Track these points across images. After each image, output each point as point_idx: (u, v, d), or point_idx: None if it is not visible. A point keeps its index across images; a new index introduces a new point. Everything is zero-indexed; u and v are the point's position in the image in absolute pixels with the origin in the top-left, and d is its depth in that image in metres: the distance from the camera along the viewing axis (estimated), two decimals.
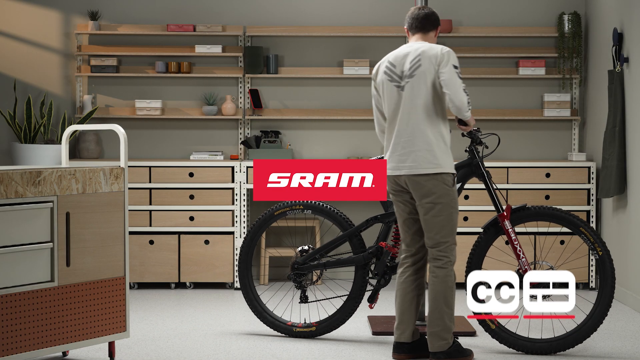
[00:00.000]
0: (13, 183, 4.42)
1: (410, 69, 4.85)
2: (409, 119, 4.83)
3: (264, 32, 7.58)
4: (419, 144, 4.80)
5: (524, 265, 5.12)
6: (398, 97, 4.87)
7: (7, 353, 4.36)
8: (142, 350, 5.23)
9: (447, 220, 4.84)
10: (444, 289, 4.84)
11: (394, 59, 4.93)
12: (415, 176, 4.81)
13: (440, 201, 4.81)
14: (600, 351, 5.26)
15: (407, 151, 4.83)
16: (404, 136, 4.84)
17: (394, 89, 4.89)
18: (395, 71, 4.90)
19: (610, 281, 5.11)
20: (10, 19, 7.58)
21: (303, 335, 5.61)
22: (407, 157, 4.83)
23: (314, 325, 5.60)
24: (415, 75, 4.83)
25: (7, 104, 7.52)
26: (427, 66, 4.81)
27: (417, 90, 4.82)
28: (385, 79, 4.93)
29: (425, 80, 4.81)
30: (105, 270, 4.82)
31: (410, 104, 4.83)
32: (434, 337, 4.86)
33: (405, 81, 4.85)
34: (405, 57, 4.89)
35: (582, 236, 5.15)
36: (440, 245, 4.86)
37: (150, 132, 7.69)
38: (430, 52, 4.85)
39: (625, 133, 6.68)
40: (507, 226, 5.18)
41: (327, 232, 7.75)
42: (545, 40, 7.69)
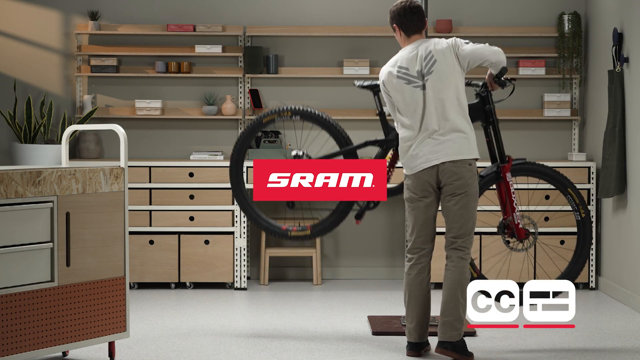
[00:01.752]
0: (13, 183, 4.42)
1: (426, 66, 4.93)
2: (439, 113, 4.91)
3: (264, 32, 7.58)
4: (452, 133, 4.90)
5: (517, 219, 5.32)
6: (421, 96, 4.94)
7: (7, 353, 4.36)
8: (142, 350, 5.23)
9: (472, 212, 4.96)
10: (461, 279, 4.92)
11: (403, 62, 5.00)
12: (453, 163, 4.89)
13: (469, 191, 4.92)
14: (600, 351, 5.26)
15: (440, 141, 4.91)
16: (437, 130, 4.91)
17: (414, 90, 4.95)
18: (410, 73, 4.96)
19: (588, 242, 5.39)
20: (10, 19, 7.58)
21: (298, 238, 5.68)
22: (441, 147, 4.91)
23: (309, 228, 5.66)
24: (433, 71, 4.91)
25: (7, 104, 7.52)
26: (445, 60, 4.92)
27: (439, 85, 4.91)
28: (401, 82, 4.98)
29: (446, 73, 4.91)
30: (105, 270, 4.82)
31: (436, 98, 4.91)
32: (446, 326, 4.90)
33: (426, 79, 4.92)
34: (415, 58, 4.97)
35: (567, 197, 5.42)
36: (463, 236, 4.96)
37: (150, 132, 7.69)
38: (440, 47, 4.95)
39: (625, 133, 6.68)
40: (509, 178, 5.35)
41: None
42: (545, 40, 7.69)
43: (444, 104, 4.90)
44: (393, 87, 5.01)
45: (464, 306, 4.91)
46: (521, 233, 5.38)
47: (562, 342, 5.45)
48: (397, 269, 7.75)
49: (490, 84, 5.26)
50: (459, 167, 4.90)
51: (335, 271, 7.76)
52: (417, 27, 5.06)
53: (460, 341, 4.91)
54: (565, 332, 5.68)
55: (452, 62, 4.93)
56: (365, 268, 7.76)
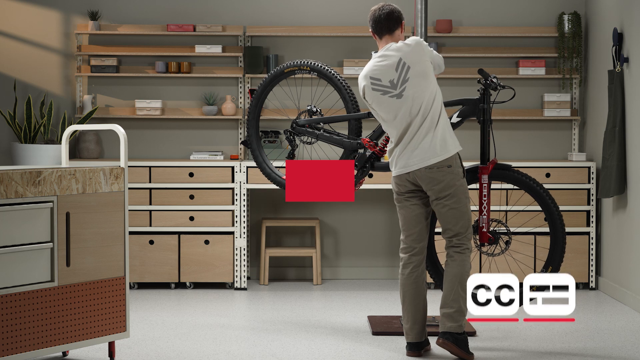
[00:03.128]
0: (13, 183, 4.42)
1: (400, 75, 4.95)
2: (415, 117, 4.93)
3: (264, 32, 7.58)
4: (427, 136, 4.92)
5: (482, 222, 5.34)
6: (398, 104, 4.96)
7: (7, 353, 4.36)
8: (142, 350, 5.23)
9: (463, 210, 4.98)
10: (461, 272, 4.96)
11: (375, 73, 5.02)
12: (428, 169, 4.92)
13: (453, 192, 4.94)
14: (600, 351, 5.26)
15: (414, 147, 4.95)
16: (414, 135, 4.94)
17: (391, 99, 4.98)
18: (384, 83, 4.99)
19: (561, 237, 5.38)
20: (10, 19, 7.58)
21: None
22: (416, 153, 4.94)
23: None
24: (409, 78, 4.93)
25: (7, 104, 7.52)
26: (419, 63, 4.94)
27: (417, 89, 4.92)
28: (376, 95, 5.02)
29: (421, 78, 4.93)
30: (105, 270, 4.82)
31: (413, 104, 4.93)
32: (447, 317, 4.93)
33: (401, 87, 4.95)
34: (386, 68, 4.99)
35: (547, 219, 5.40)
36: (459, 235, 5.01)
37: (150, 132, 7.69)
38: (409, 52, 4.96)
39: (625, 133, 6.68)
40: (484, 180, 5.35)
41: (327, 233, 7.75)
42: (545, 40, 7.69)
43: (420, 107, 4.93)
44: (371, 98, 5.05)
45: (464, 298, 4.94)
46: (484, 237, 5.36)
47: (562, 342, 5.45)
48: (397, 269, 7.75)
49: None
50: (435, 172, 4.93)
51: (335, 271, 7.76)
52: (386, 28, 5.07)
53: (463, 336, 4.93)
54: (565, 331, 5.68)
55: (426, 61, 4.98)
56: (365, 268, 7.76)
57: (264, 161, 6.00)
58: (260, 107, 6.03)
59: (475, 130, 7.09)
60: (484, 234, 5.34)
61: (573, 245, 7.17)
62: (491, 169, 5.37)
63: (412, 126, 4.95)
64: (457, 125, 5.47)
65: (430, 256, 5.56)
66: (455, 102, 5.49)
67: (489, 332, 5.67)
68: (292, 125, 5.87)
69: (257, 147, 6.03)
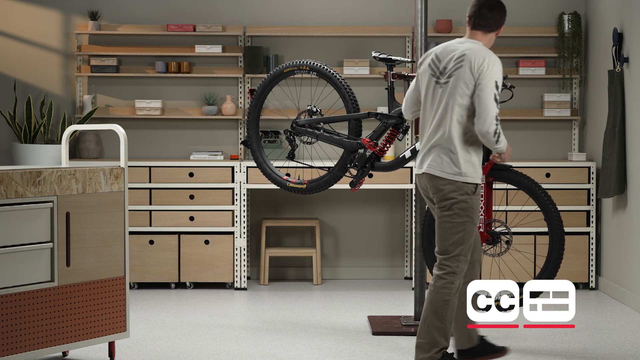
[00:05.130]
0: (13, 183, 4.42)
1: (451, 68, 4.55)
2: (442, 119, 4.56)
3: (264, 32, 7.58)
4: (445, 146, 4.54)
5: (479, 223, 5.25)
6: (434, 94, 4.61)
7: (7, 353, 4.36)
8: (142, 350, 5.23)
9: (451, 231, 4.55)
10: (436, 301, 4.56)
11: (441, 53, 4.62)
12: (433, 177, 4.57)
13: (455, 207, 4.54)
14: (600, 351, 5.26)
15: (431, 150, 4.59)
16: (434, 136, 4.58)
17: (433, 84, 4.62)
18: (439, 66, 4.61)
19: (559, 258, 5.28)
20: (10, 19, 7.58)
21: (294, 191, 5.85)
22: (429, 157, 4.60)
23: (305, 183, 5.84)
24: (454, 75, 4.53)
25: (7, 104, 7.52)
26: (467, 71, 4.51)
27: (453, 91, 4.52)
28: (428, 71, 4.65)
29: (462, 83, 4.51)
30: (105, 270, 4.82)
31: (445, 103, 4.54)
32: (418, 348, 4.59)
33: (445, 80, 4.57)
34: (451, 54, 4.59)
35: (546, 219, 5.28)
36: (446, 253, 4.57)
37: (150, 132, 7.69)
38: (474, 57, 4.51)
39: (625, 133, 6.68)
40: (482, 180, 5.28)
41: (327, 233, 7.75)
42: (545, 40, 7.69)
43: (451, 111, 4.53)
44: (422, 71, 4.69)
45: (440, 328, 4.53)
46: (482, 237, 5.29)
47: (562, 342, 5.45)
48: (397, 269, 7.75)
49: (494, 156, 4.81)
50: (437, 180, 4.57)
51: (335, 271, 7.76)
52: (485, 23, 4.60)
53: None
54: (565, 332, 5.68)
55: (472, 79, 4.50)
56: (365, 268, 7.76)
57: (264, 161, 6.00)
58: (260, 107, 6.03)
59: None
60: (482, 234, 5.33)
61: (573, 245, 7.17)
62: (489, 169, 5.35)
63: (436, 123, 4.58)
64: None
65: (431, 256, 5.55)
66: None
67: (489, 333, 5.66)
68: (292, 125, 5.87)
69: (257, 147, 6.03)
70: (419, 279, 5.87)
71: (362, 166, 5.66)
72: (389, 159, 7.34)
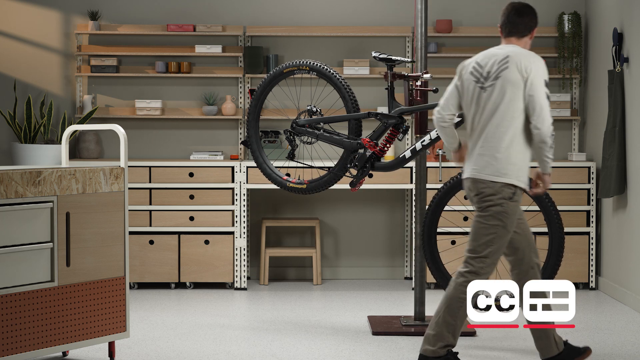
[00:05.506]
0: (13, 183, 4.42)
1: (496, 70, 4.56)
2: (487, 123, 4.57)
3: (264, 32, 7.58)
4: (490, 148, 4.56)
5: None
6: (479, 99, 4.61)
7: (7, 353, 4.36)
8: (142, 350, 5.23)
9: (489, 231, 4.57)
10: (452, 296, 4.60)
11: (482, 59, 4.65)
12: (475, 180, 4.59)
13: (490, 209, 4.56)
14: (600, 351, 5.26)
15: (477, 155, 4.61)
16: (479, 141, 4.60)
17: (477, 90, 4.62)
18: (482, 72, 4.62)
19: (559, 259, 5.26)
20: (10, 19, 7.58)
21: (294, 191, 5.86)
22: (474, 161, 4.62)
23: (305, 183, 5.84)
24: (500, 77, 4.53)
25: (7, 104, 7.52)
26: (514, 71, 4.52)
27: (499, 93, 4.53)
28: (471, 79, 4.66)
29: (509, 84, 4.52)
30: (105, 270, 4.82)
31: (491, 106, 4.55)
32: (425, 339, 4.64)
33: (489, 83, 4.57)
34: (492, 58, 4.62)
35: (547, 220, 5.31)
36: (474, 252, 4.60)
37: (150, 132, 7.69)
38: (519, 58, 4.55)
39: (625, 133, 6.68)
40: None
41: (327, 233, 7.75)
42: (545, 40, 7.69)
43: (496, 114, 4.54)
44: (465, 80, 4.69)
45: (451, 325, 4.58)
46: None
47: None
48: (397, 269, 7.75)
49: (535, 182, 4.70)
50: (478, 183, 4.59)
51: (335, 271, 7.76)
52: (514, 30, 4.67)
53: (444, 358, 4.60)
54: (565, 332, 5.68)
55: (520, 79, 4.51)
56: (365, 268, 7.76)
57: (264, 161, 6.00)
58: (260, 107, 6.03)
59: None
60: None
61: (573, 245, 7.17)
62: None
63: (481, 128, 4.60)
64: (457, 125, 5.47)
65: (432, 256, 5.56)
66: None
67: (489, 333, 5.67)
68: (292, 125, 5.87)
69: (257, 147, 6.03)
70: (419, 279, 5.87)
71: (362, 166, 5.67)
72: (389, 159, 7.34)
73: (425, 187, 5.88)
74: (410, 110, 5.61)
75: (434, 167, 7.16)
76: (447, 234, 7.12)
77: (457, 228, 7.08)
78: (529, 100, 4.50)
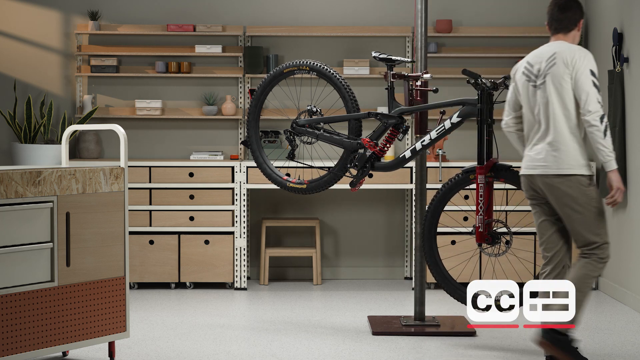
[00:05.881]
0: (13, 183, 4.42)
1: (545, 68, 4.75)
2: (546, 119, 4.74)
3: (264, 32, 7.58)
4: (554, 144, 4.73)
5: (479, 222, 5.30)
6: (534, 97, 4.80)
7: (7, 353, 4.36)
8: (142, 350, 5.23)
9: (591, 220, 4.71)
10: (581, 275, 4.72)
11: (532, 59, 4.86)
12: (548, 177, 4.74)
13: (578, 203, 4.70)
14: (600, 351, 5.26)
15: (540, 151, 4.77)
16: (541, 137, 4.78)
17: (531, 88, 4.82)
18: (533, 71, 4.82)
19: None
20: (10, 19, 7.58)
21: (294, 191, 5.87)
22: (539, 158, 4.77)
23: (305, 183, 5.85)
24: (549, 73, 4.72)
25: (7, 104, 7.52)
26: (561, 66, 4.70)
27: (551, 89, 4.72)
28: (523, 79, 4.87)
29: (558, 79, 4.70)
30: (105, 270, 4.82)
31: (545, 103, 4.73)
32: None
33: (541, 80, 4.76)
34: (541, 56, 4.81)
35: None
36: (590, 245, 4.75)
37: (150, 132, 7.69)
38: (565, 53, 4.71)
39: (625, 133, 6.67)
40: (480, 180, 5.32)
41: (327, 233, 7.75)
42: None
43: (552, 109, 4.71)
44: (518, 81, 4.91)
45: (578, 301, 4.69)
46: (479, 237, 5.32)
47: None
48: (397, 269, 7.75)
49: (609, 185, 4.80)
50: (552, 179, 4.74)
51: (335, 271, 7.76)
52: (560, 27, 4.85)
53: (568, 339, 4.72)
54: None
55: (567, 74, 4.69)
56: (365, 268, 7.76)
57: (264, 161, 6.00)
58: (260, 107, 6.03)
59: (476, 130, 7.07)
60: (479, 233, 5.33)
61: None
62: (489, 168, 5.35)
63: (539, 124, 4.78)
64: (457, 125, 5.47)
65: (432, 256, 5.55)
66: (455, 102, 5.49)
67: (489, 332, 5.67)
68: (292, 125, 5.87)
69: (257, 147, 6.03)
70: (419, 279, 5.87)
71: (362, 166, 5.67)
72: (389, 159, 7.34)
73: (425, 187, 5.88)
74: (410, 110, 5.61)
75: (434, 167, 7.16)
76: (447, 234, 7.12)
77: (457, 228, 7.08)
78: (576, 89, 4.67)
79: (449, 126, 5.48)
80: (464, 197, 7.19)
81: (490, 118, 5.38)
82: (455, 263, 6.97)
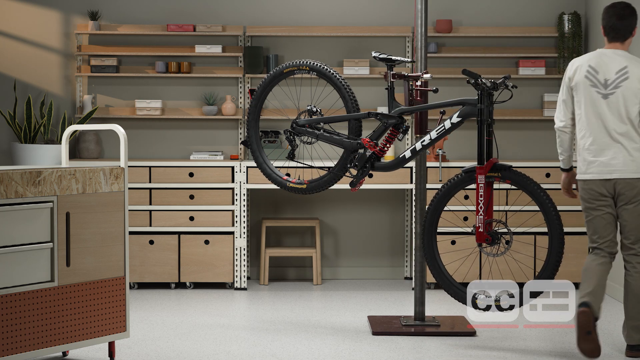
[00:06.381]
0: (13, 183, 4.42)
1: (616, 79, 4.93)
2: (614, 126, 4.93)
3: (264, 32, 7.58)
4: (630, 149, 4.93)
5: (479, 222, 5.28)
6: (601, 105, 4.96)
7: (7, 353, 4.36)
8: (142, 350, 5.23)
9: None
10: None
11: (596, 64, 4.99)
12: (628, 180, 4.92)
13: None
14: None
15: (614, 156, 4.95)
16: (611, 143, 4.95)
17: (597, 95, 4.97)
18: (598, 78, 4.97)
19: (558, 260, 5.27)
20: (10, 19, 7.58)
21: (294, 191, 5.86)
22: (619, 161, 4.94)
23: (305, 183, 5.84)
24: (622, 86, 4.92)
25: (7, 104, 7.52)
26: (635, 82, 4.91)
27: (623, 102, 4.92)
28: (586, 83, 5.00)
29: (631, 93, 4.91)
30: (105, 270, 4.82)
31: (616, 113, 4.93)
32: (634, 330, 4.95)
33: (611, 91, 4.93)
34: (608, 65, 4.96)
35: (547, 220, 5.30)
36: None
37: (150, 132, 7.69)
38: (638, 70, 4.92)
39: None
40: (480, 180, 5.32)
41: (327, 233, 7.75)
42: (545, 40, 7.69)
43: (622, 118, 4.93)
44: (578, 83, 5.03)
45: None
46: (478, 237, 5.33)
47: (562, 342, 5.45)
48: (397, 269, 7.75)
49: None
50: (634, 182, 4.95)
51: (335, 271, 7.76)
52: (618, 34, 5.00)
53: None
54: (565, 332, 5.68)
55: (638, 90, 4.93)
56: (365, 268, 7.76)
57: (264, 161, 6.00)
58: (260, 107, 6.03)
59: (476, 130, 7.08)
60: (479, 234, 5.32)
61: (573, 245, 7.16)
62: (489, 168, 5.35)
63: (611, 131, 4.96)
64: (457, 125, 5.47)
65: (432, 256, 5.55)
66: (455, 102, 5.49)
67: (489, 333, 5.67)
68: (292, 125, 5.87)
69: (257, 147, 6.03)
70: (419, 279, 5.87)
71: (362, 166, 5.67)
72: (389, 159, 7.34)
73: (425, 187, 5.88)
74: (410, 110, 5.61)
75: (434, 167, 7.16)
76: (447, 234, 7.12)
77: (457, 228, 7.08)
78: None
79: (449, 126, 5.48)
80: (464, 197, 7.19)
81: (490, 118, 5.37)
82: (455, 263, 6.97)
